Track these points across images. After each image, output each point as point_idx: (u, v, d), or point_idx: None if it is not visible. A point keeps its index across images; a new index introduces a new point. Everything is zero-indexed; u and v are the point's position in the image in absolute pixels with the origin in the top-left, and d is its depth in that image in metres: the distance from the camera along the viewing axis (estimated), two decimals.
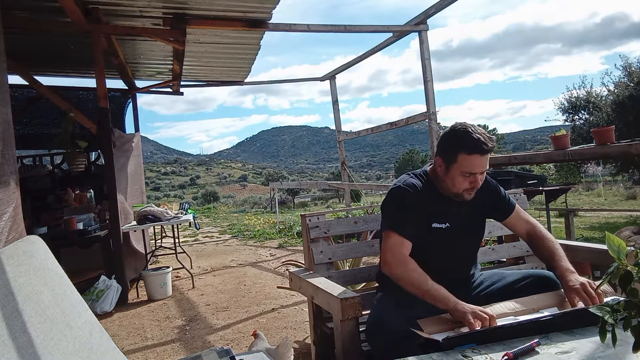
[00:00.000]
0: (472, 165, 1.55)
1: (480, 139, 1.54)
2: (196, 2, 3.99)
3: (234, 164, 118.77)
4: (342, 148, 7.76)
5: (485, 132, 1.59)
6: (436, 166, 1.66)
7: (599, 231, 8.60)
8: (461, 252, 1.71)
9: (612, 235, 0.90)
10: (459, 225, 1.68)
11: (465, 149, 1.54)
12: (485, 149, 1.54)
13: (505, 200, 1.77)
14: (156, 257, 5.83)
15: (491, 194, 1.76)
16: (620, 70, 12.21)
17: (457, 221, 1.67)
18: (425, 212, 1.64)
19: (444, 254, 1.67)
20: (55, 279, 1.38)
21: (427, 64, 5.09)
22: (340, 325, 1.55)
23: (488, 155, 1.57)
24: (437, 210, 1.66)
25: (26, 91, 5.92)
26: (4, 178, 1.79)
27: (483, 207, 1.75)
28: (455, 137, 1.58)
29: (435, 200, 1.67)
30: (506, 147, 73.34)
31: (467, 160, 1.55)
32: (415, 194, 1.64)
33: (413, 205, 1.62)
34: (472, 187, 1.60)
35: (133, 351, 2.99)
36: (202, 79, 7.01)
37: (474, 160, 1.55)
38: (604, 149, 2.95)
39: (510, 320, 1.31)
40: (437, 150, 1.67)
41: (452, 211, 1.67)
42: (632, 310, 0.83)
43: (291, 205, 25.68)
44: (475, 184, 1.60)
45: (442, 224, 1.66)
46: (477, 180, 1.59)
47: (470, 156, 1.54)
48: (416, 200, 1.63)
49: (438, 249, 1.66)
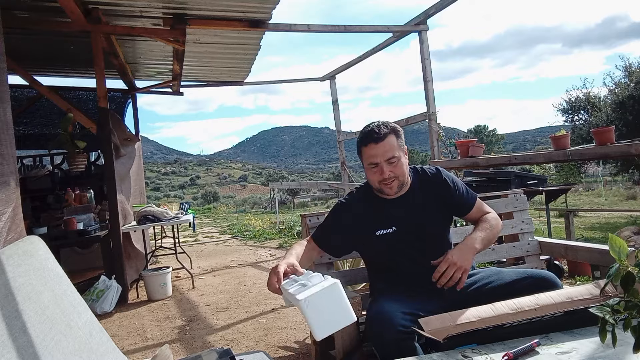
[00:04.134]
0: (371, 155, 1.61)
1: (372, 129, 1.61)
2: (196, 2, 3.99)
3: (234, 164, 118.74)
4: (342, 148, 7.76)
5: (383, 122, 1.64)
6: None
7: (599, 231, 8.60)
8: (421, 250, 1.66)
9: (614, 236, 0.90)
10: (407, 224, 1.66)
11: (361, 141, 1.64)
12: (376, 137, 1.59)
13: (462, 196, 1.73)
14: (156, 257, 5.83)
15: (439, 186, 1.73)
16: (620, 71, 12.23)
17: (404, 222, 1.66)
18: (365, 223, 1.69)
19: (404, 256, 1.66)
20: (55, 279, 1.38)
21: (427, 64, 5.09)
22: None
23: (386, 143, 1.59)
24: (380, 217, 1.68)
25: (26, 91, 5.93)
26: (4, 178, 1.79)
27: (435, 199, 1.72)
28: (359, 134, 1.68)
29: (377, 207, 1.69)
30: (506, 147, 73.32)
31: (366, 152, 1.62)
32: (352, 209, 1.72)
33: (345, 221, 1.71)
34: (385, 179, 1.61)
35: (133, 351, 2.99)
36: (202, 79, 7.01)
37: (370, 150, 1.60)
38: (604, 149, 2.95)
39: (510, 321, 1.31)
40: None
41: (397, 214, 1.67)
42: (633, 311, 0.83)
43: (291, 205, 25.66)
44: (383, 174, 1.61)
45: (388, 229, 1.66)
46: (384, 169, 1.60)
47: (366, 147, 1.62)
48: (352, 215, 1.71)
49: (396, 254, 1.67)
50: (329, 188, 21.97)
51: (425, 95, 5.13)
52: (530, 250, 2.27)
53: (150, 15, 4.34)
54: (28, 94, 5.94)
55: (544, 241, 2.29)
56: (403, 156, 1.64)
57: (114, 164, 4.34)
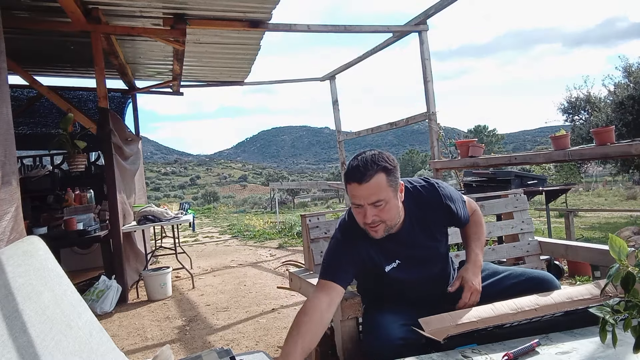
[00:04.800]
0: (353, 195, 1.40)
1: (358, 165, 1.38)
2: (196, 2, 3.99)
3: (234, 164, 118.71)
4: (342, 148, 7.76)
5: (373, 156, 1.40)
6: None
7: (599, 231, 8.60)
8: (428, 274, 1.60)
9: (615, 237, 0.90)
10: (410, 257, 1.55)
11: (346, 177, 1.42)
12: (359, 177, 1.36)
13: (460, 215, 1.63)
14: (156, 257, 5.83)
15: (438, 210, 1.57)
16: (620, 71, 12.24)
17: (405, 254, 1.55)
18: (371, 259, 1.52)
19: (411, 282, 1.58)
20: (55, 279, 1.38)
21: (427, 64, 5.09)
22: (340, 325, 1.55)
23: (372, 185, 1.36)
24: (382, 252, 1.53)
25: (26, 91, 5.93)
26: (6, 178, 1.79)
27: (433, 224, 1.58)
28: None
29: (375, 242, 1.50)
30: (506, 147, 73.31)
31: (350, 191, 1.41)
32: (352, 244, 1.50)
33: (349, 255, 1.49)
34: (368, 223, 1.41)
35: (133, 351, 2.99)
36: (202, 79, 7.00)
37: (353, 190, 1.39)
38: (604, 149, 2.95)
39: (510, 320, 1.31)
40: None
41: (396, 248, 1.53)
42: (633, 311, 0.83)
43: (291, 205, 25.66)
44: (366, 218, 1.40)
45: (392, 263, 1.54)
46: (367, 214, 1.39)
47: (350, 185, 1.40)
48: (355, 250, 1.50)
49: (405, 285, 1.58)
50: (329, 188, 21.97)
51: (425, 95, 5.13)
52: (530, 250, 2.27)
53: (150, 15, 4.34)
54: (28, 94, 5.94)
55: (544, 241, 2.29)
56: (394, 197, 1.41)
57: (114, 164, 4.34)
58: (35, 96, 5.77)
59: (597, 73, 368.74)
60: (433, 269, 1.62)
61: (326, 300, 1.40)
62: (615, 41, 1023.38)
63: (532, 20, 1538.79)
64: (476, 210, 1.75)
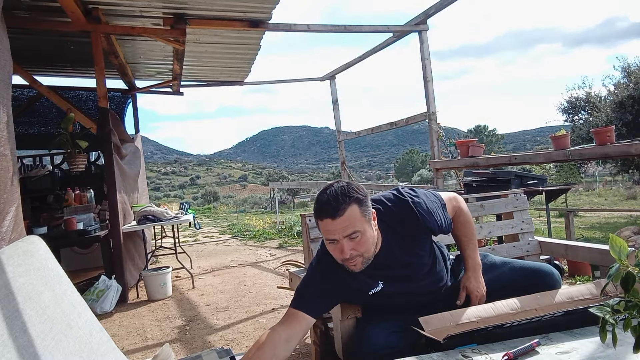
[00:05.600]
0: (327, 231, 1.35)
1: (328, 200, 1.33)
2: (196, 2, 3.99)
3: (234, 164, 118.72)
4: (342, 148, 7.76)
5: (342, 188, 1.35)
6: None
7: (599, 231, 8.60)
8: (415, 286, 1.55)
9: (615, 236, 0.90)
10: (392, 276, 1.51)
11: (316, 213, 1.37)
12: (331, 212, 1.31)
13: (440, 226, 1.54)
14: (156, 257, 5.83)
15: (413, 226, 1.49)
16: (619, 71, 12.25)
17: (387, 275, 1.50)
18: (352, 289, 1.48)
19: (401, 299, 1.55)
20: (56, 279, 1.38)
21: (427, 64, 5.09)
22: (340, 325, 1.55)
23: (346, 218, 1.32)
24: (364, 279, 1.48)
25: (26, 91, 5.93)
26: (7, 178, 1.79)
27: (412, 239, 1.51)
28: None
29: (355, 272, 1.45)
30: (506, 147, 73.30)
31: (322, 227, 1.36)
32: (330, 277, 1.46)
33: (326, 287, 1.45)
34: (346, 259, 1.37)
35: (133, 351, 2.99)
36: (202, 79, 7.01)
37: (326, 226, 1.34)
38: (603, 149, 2.95)
39: (510, 320, 1.31)
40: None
41: (378, 273, 1.48)
42: (633, 311, 0.83)
43: (291, 205, 25.67)
44: (344, 253, 1.35)
45: (376, 287, 1.49)
46: (344, 248, 1.34)
47: (322, 222, 1.35)
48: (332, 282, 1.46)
49: (395, 298, 1.54)
50: None
51: (425, 95, 5.13)
52: (530, 250, 2.27)
53: (150, 15, 4.34)
54: (28, 94, 5.94)
55: (544, 241, 2.30)
56: (369, 228, 1.37)
57: (114, 164, 4.34)
58: (35, 96, 5.77)
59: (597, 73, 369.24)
60: (420, 281, 1.55)
61: (285, 335, 1.35)
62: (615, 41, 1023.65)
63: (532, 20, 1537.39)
64: (460, 208, 1.66)
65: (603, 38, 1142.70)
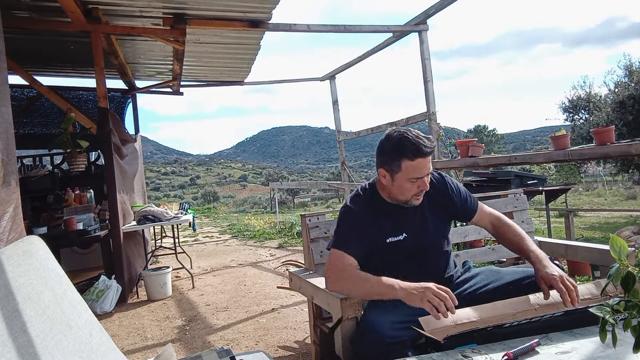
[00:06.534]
0: (417, 170, 1.53)
1: (419, 142, 1.52)
2: (196, 2, 3.99)
3: (234, 164, 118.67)
4: (342, 148, 7.75)
5: (421, 133, 1.56)
6: (380, 177, 1.62)
7: (599, 231, 8.60)
8: (428, 256, 1.67)
9: (615, 237, 0.90)
10: (416, 232, 1.64)
11: (408, 154, 1.52)
12: (426, 151, 1.52)
13: (466, 203, 1.74)
14: (156, 257, 5.83)
15: (445, 194, 1.72)
16: (621, 70, 12.26)
17: (414, 229, 1.64)
18: (376, 230, 1.62)
19: (410, 262, 1.64)
20: (55, 279, 1.38)
21: (427, 64, 5.09)
22: (340, 325, 1.55)
23: (430, 157, 1.55)
24: (389, 224, 1.63)
25: (26, 91, 5.93)
26: (6, 178, 1.79)
27: (442, 208, 1.71)
28: (395, 145, 1.55)
29: (386, 213, 1.64)
30: (506, 147, 73.25)
31: (412, 166, 1.52)
32: (363, 214, 1.62)
33: (361, 226, 1.60)
34: (421, 191, 1.59)
35: (133, 351, 2.99)
36: (202, 79, 7.00)
37: (418, 164, 1.52)
38: (603, 149, 2.95)
39: (510, 320, 1.31)
40: (378, 161, 1.63)
41: (406, 220, 1.64)
42: (633, 311, 0.83)
43: (291, 205, 25.67)
44: (423, 186, 1.57)
45: (398, 236, 1.62)
46: (425, 182, 1.57)
47: (413, 161, 1.52)
48: (364, 220, 1.61)
49: (402, 260, 1.63)
50: (329, 188, 21.96)
51: (425, 95, 5.13)
52: None
53: (150, 15, 4.34)
54: (28, 94, 5.94)
55: (544, 241, 2.29)
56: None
57: (114, 164, 4.34)
58: (35, 96, 5.77)
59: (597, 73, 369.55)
60: (433, 252, 1.67)
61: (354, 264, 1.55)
62: (615, 41, 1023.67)
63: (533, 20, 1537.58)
64: (499, 214, 1.77)
65: (603, 38, 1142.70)
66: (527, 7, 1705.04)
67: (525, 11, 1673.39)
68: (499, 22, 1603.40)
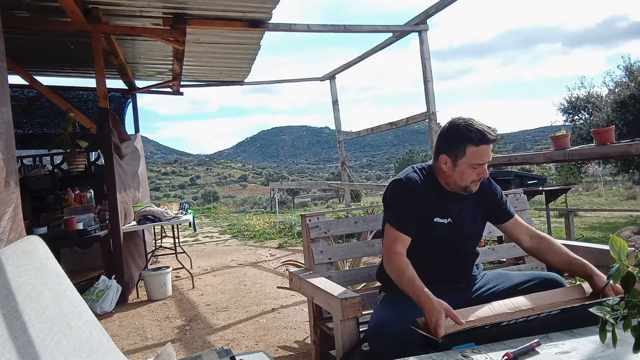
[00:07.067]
0: (481, 156, 1.60)
1: (485, 130, 1.59)
2: (196, 2, 3.99)
3: (234, 164, 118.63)
4: (342, 148, 7.75)
5: (486, 124, 1.63)
6: (440, 163, 1.66)
7: (599, 231, 8.60)
8: (462, 249, 1.72)
9: (615, 237, 0.90)
10: (459, 221, 1.69)
11: (474, 141, 1.58)
12: (490, 139, 1.60)
13: (504, 205, 1.79)
14: (156, 257, 5.83)
15: (492, 195, 1.78)
16: (621, 70, 12.26)
17: (458, 217, 1.69)
18: (427, 206, 1.66)
19: (445, 249, 1.68)
20: (55, 279, 1.38)
21: (427, 64, 5.09)
22: (340, 325, 1.55)
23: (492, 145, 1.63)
24: (439, 206, 1.67)
25: (26, 91, 5.93)
26: (5, 178, 1.79)
27: (483, 207, 1.76)
28: (461, 132, 1.60)
29: (437, 195, 1.69)
30: (506, 147, 73.27)
31: (476, 152, 1.59)
32: (417, 188, 1.66)
33: (413, 199, 1.64)
34: (479, 178, 1.64)
35: (133, 351, 2.99)
36: (202, 79, 7.01)
37: (482, 150, 1.59)
38: (603, 149, 2.95)
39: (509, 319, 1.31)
40: (440, 147, 1.67)
41: (453, 207, 1.69)
42: (633, 311, 0.83)
43: (291, 205, 25.66)
44: (483, 173, 1.64)
45: (444, 219, 1.67)
46: (485, 170, 1.64)
47: (478, 147, 1.58)
48: (417, 194, 1.65)
49: (439, 244, 1.67)
50: (329, 188, 21.96)
51: (425, 95, 5.13)
52: None
53: (150, 15, 4.34)
54: (28, 94, 5.94)
55: None
56: None
57: (114, 164, 4.34)
58: (35, 96, 5.77)
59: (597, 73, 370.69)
60: (468, 245, 1.73)
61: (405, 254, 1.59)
62: (615, 41, 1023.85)
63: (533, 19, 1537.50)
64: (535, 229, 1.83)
65: (603, 38, 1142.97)
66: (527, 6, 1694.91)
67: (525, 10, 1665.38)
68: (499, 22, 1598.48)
